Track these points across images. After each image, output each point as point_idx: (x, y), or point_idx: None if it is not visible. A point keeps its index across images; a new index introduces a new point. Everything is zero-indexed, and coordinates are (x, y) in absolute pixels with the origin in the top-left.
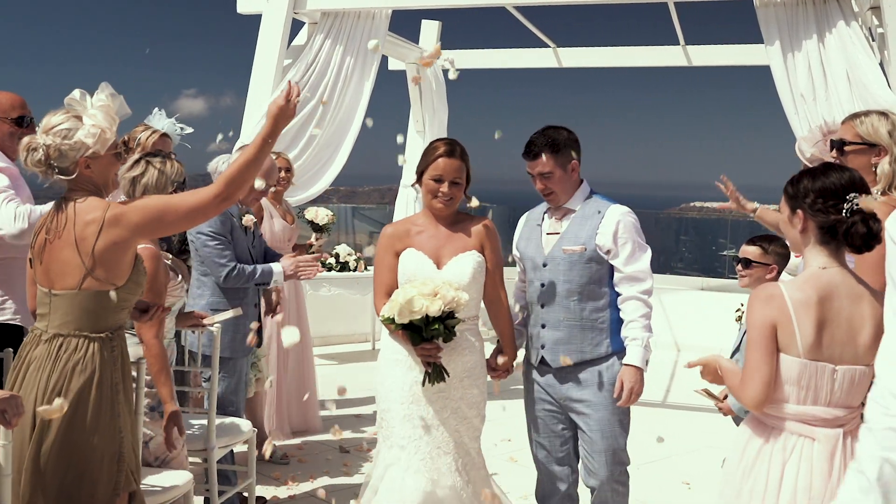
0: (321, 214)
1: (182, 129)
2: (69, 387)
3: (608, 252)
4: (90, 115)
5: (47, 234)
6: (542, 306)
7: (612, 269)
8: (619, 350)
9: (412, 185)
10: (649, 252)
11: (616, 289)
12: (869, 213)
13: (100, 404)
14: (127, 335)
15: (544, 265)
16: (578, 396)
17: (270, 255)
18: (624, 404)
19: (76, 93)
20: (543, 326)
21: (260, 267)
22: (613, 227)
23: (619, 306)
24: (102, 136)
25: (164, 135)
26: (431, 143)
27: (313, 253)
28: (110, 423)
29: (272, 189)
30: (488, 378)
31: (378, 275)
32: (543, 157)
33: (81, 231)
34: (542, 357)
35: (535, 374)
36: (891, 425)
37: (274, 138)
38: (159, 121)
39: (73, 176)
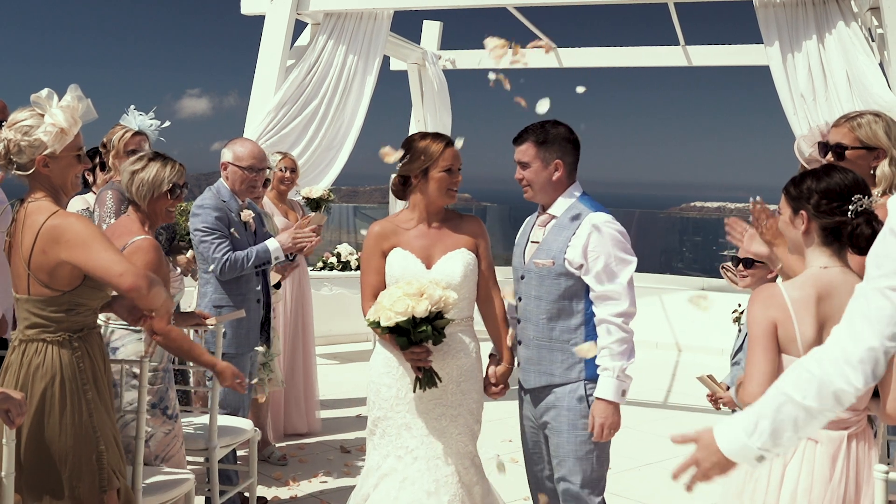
0: (315, 190)
1: (158, 125)
2: (32, 391)
3: (580, 267)
4: (51, 114)
5: (9, 237)
6: (519, 322)
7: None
8: (595, 377)
9: (407, 190)
10: (630, 267)
11: (593, 308)
12: (873, 215)
13: (65, 406)
14: (128, 331)
15: (522, 277)
16: (546, 419)
17: None
18: (598, 440)
19: (44, 92)
20: (520, 343)
21: (254, 248)
22: (584, 239)
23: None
24: (60, 136)
25: (139, 133)
26: (421, 140)
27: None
28: (81, 424)
29: (270, 188)
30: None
31: (365, 276)
32: (525, 144)
33: (23, 234)
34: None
35: (520, 393)
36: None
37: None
38: (133, 119)
39: (30, 172)
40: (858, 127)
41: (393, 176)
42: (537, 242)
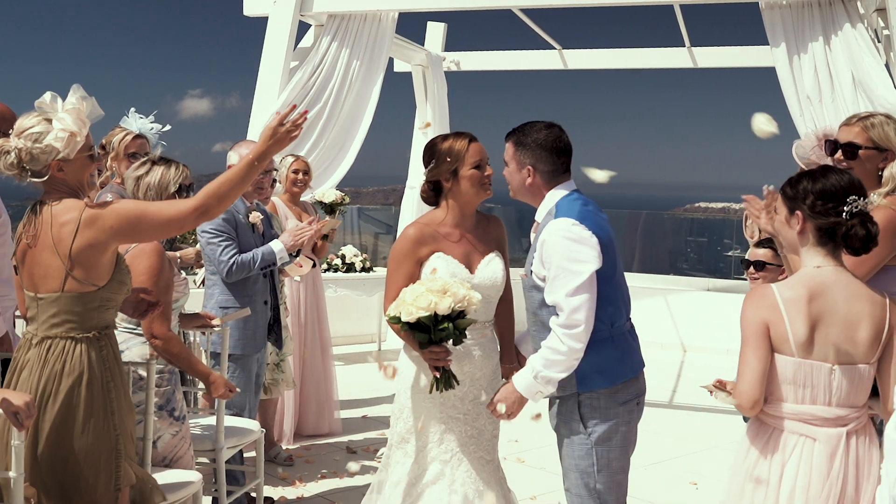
0: (328, 195)
1: (159, 128)
2: (58, 389)
3: (544, 279)
4: (59, 119)
5: (27, 239)
6: (528, 330)
7: None
8: (588, 390)
9: (439, 196)
10: (575, 279)
11: None
12: (867, 216)
13: (91, 404)
14: (133, 335)
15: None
16: (553, 427)
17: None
18: (490, 411)
19: (47, 96)
20: (535, 351)
21: (259, 250)
22: (540, 249)
23: None
24: (72, 140)
25: (139, 136)
26: (443, 142)
27: (326, 236)
28: (104, 422)
29: (280, 190)
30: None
31: (393, 278)
32: (507, 143)
33: (58, 232)
34: None
35: None
36: None
37: (262, 161)
38: (133, 122)
39: (46, 178)
40: (871, 127)
41: (422, 183)
42: None
